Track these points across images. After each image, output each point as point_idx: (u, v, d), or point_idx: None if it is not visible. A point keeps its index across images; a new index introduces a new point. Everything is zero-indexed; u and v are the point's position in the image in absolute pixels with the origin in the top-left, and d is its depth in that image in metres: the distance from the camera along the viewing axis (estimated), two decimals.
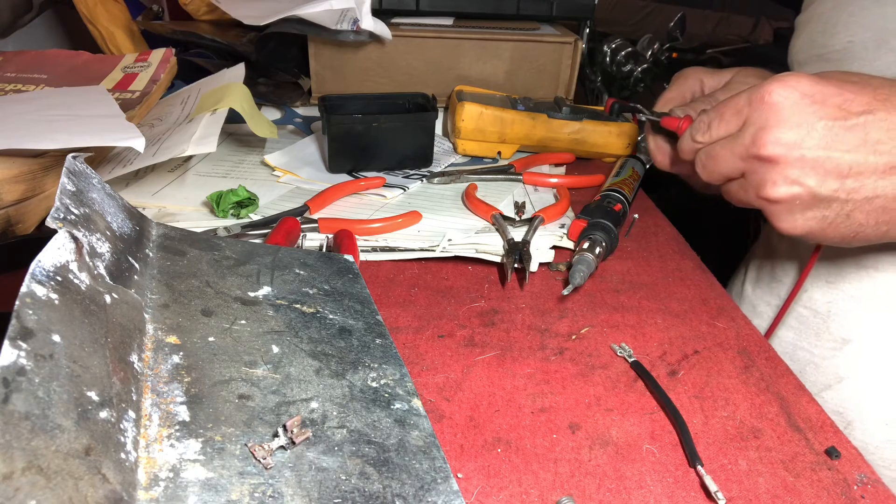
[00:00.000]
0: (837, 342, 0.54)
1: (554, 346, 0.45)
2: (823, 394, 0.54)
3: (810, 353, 0.56)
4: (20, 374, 0.23)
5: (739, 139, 0.41)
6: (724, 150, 0.42)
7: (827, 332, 0.55)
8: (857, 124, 0.38)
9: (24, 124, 0.53)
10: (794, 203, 0.40)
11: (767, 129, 0.39)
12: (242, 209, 0.57)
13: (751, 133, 0.40)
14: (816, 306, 0.56)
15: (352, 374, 0.35)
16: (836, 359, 0.54)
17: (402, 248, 0.54)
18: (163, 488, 0.26)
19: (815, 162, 0.38)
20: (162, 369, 0.31)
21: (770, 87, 0.39)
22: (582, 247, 0.52)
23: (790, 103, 0.39)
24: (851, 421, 0.53)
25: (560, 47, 0.80)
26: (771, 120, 0.39)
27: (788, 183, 0.39)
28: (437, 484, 0.29)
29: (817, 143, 0.38)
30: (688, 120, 0.49)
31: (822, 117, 0.38)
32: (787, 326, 0.59)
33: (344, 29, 0.73)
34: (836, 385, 0.54)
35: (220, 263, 0.40)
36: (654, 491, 0.34)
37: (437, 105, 0.69)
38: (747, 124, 0.41)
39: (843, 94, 0.38)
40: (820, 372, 0.55)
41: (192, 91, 0.70)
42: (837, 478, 0.35)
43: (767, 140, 0.39)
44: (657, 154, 0.56)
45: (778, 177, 0.40)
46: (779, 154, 0.39)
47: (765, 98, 0.39)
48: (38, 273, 0.26)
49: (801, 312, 0.57)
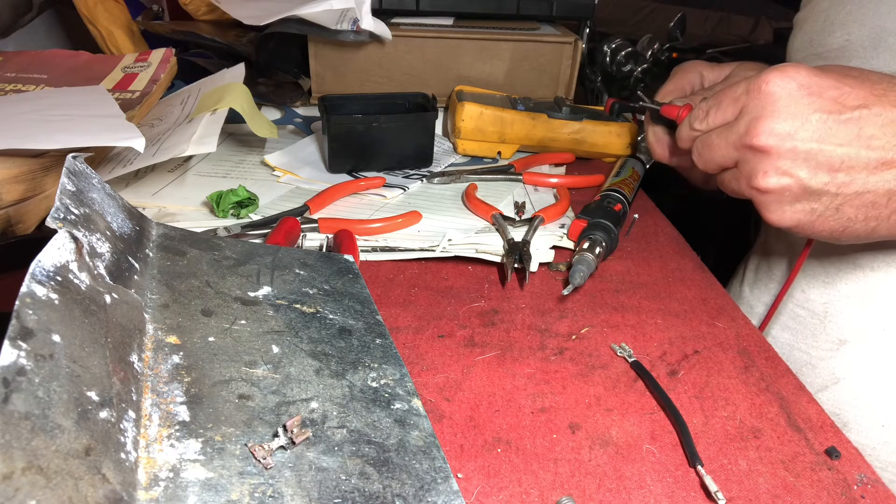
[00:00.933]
0: (834, 343, 0.54)
1: (554, 346, 0.45)
2: (820, 395, 0.54)
3: (807, 354, 0.56)
4: (20, 374, 0.23)
5: (734, 128, 0.41)
6: (720, 139, 0.42)
7: (824, 332, 0.55)
8: (852, 118, 0.38)
9: (24, 124, 0.53)
10: (783, 194, 0.40)
11: (762, 118, 0.39)
12: (242, 209, 0.57)
13: (745, 122, 0.40)
14: (813, 307, 0.56)
15: (352, 374, 0.35)
16: (832, 360, 0.54)
17: (402, 248, 0.54)
18: (163, 488, 0.26)
19: (807, 154, 0.38)
20: (162, 369, 0.31)
21: (768, 76, 0.39)
22: (582, 247, 0.52)
23: (786, 94, 0.38)
24: (848, 422, 0.53)
25: (560, 47, 0.80)
26: (766, 110, 0.39)
27: (779, 174, 0.39)
28: (437, 484, 0.29)
29: (810, 135, 0.38)
30: (687, 108, 0.49)
31: (817, 109, 0.38)
32: (783, 327, 0.58)
33: (344, 29, 0.73)
34: (832, 386, 0.54)
35: (220, 263, 0.40)
36: (654, 491, 0.34)
37: (437, 105, 0.69)
38: (743, 113, 0.41)
39: (841, 87, 0.38)
40: (817, 373, 0.55)
41: (192, 91, 0.70)
42: (837, 478, 0.35)
43: (761, 130, 0.39)
44: (656, 145, 0.55)
45: (769, 167, 0.40)
46: (771, 144, 0.39)
47: (762, 87, 0.39)
48: (38, 273, 0.26)
49: (798, 313, 0.57)
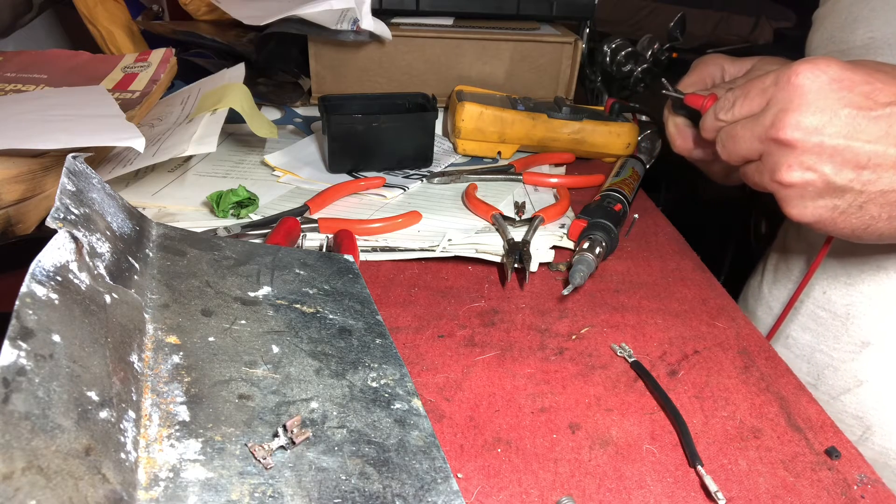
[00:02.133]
0: (857, 345, 0.53)
1: (554, 346, 0.45)
2: (843, 397, 0.53)
3: (829, 356, 0.55)
4: (20, 374, 0.23)
5: (760, 120, 0.40)
6: (745, 130, 0.41)
7: (846, 334, 0.54)
8: (882, 115, 0.37)
9: (24, 124, 0.53)
10: (806, 189, 0.39)
11: (789, 111, 0.38)
12: (242, 209, 0.57)
13: (772, 114, 0.39)
14: (835, 308, 0.54)
15: (352, 374, 0.35)
16: (855, 362, 0.53)
17: (402, 248, 0.54)
18: (163, 488, 0.26)
19: (833, 149, 0.38)
20: (162, 369, 0.31)
21: (799, 68, 0.38)
22: (582, 247, 0.52)
23: (816, 87, 0.38)
24: (871, 425, 0.52)
25: (560, 47, 0.80)
26: (794, 102, 0.38)
27: (803, 168, 0.39)
28: (437, 484, 0.29)
29: (838, 130, 0.37)
30: (712, 98, 0.47)
31: (847, 105, 0.37)
32: (803, 328, 0.57)
33: (344, 29, 0.73)
34: (855, 388, 0.53)
35: (220, 263, 0.40)
36: (654, 491, 0.34)
37: (437, 105, 0.69)
38: (770, 105, 0.40)
39: (872, 83, 0.37)
40: (839, 375, 0.54)
41: (192, 91, 0.70)
42: (837, 478, 0.35)
43: (787, 123, 0.38)
44: (676, 136, 0.53)
45: (793, 161, 0.39)
46: (797, 138, 0.38)
47: (791, 79, 0.38)
48: (38, 273, 0.26)
49: (819, 314, 0.56)
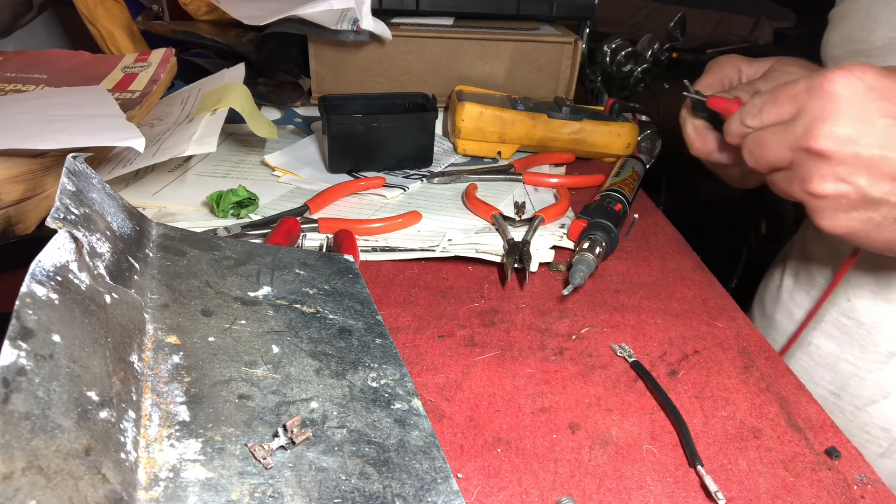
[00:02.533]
0: (884, 355, 0.52)
1: (554, 346, 0.45)
2: (869, 408, 0.52)
3: (854, 366, 0.54)
4: (20, 374, 0.23)
5: (791, 128, 0.38)
6: (774, 138, 0.40)
7: (872, 344, 0.52)
8: None
9: (24, 124, 0.53)
10: (839, 201, 0.38)
11: (822, 120, 0.37)
12: (242, 209, 0.57)
13: (804, 123, 0.38)
14: (860, 317, 0.53)
15: (352, 374, 0.35)
16: (882, 372, 0.52)
17: (402, 248, 0.54)
18: (163, 488, 0.26)
19: (870, 161, 0.36)
20: (162, 369, 0.31)
21: (833, 75, 0.36)
22: (582, 247, 0.52)
23: (851, 95, 0.36)
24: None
25: (560, 47, 0.80)
26: (827, 111, 0.37)
27: (837, 180, 0.37)
28: (437, 484, 0.29)
29: (875, 140, 0.36)
30: (737, 102, 0.45)
31: (885, 114, 0.36)
32: (826, 335, 0.56)
33: (344, 29, 0.73)
34: (881, 400, 0.52)
35: (220, 263, 0.40)
36: (654, 491, 0.34)
37: (437, 105, 0.69)
38: (802, 113, 0.38)
39: None
40: (865, 385, 0.53)
41: (192, 91, 0.70)
42: (837, 478, 0.35)
43: (821, 133, 0.37)
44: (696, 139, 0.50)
45: (827, 172, 0.37)
46: (831, 149, 0.36)
47: (824, 86, 0.36)
48: (38, 273, 0.26)
49: (844, 323, 0.54)
